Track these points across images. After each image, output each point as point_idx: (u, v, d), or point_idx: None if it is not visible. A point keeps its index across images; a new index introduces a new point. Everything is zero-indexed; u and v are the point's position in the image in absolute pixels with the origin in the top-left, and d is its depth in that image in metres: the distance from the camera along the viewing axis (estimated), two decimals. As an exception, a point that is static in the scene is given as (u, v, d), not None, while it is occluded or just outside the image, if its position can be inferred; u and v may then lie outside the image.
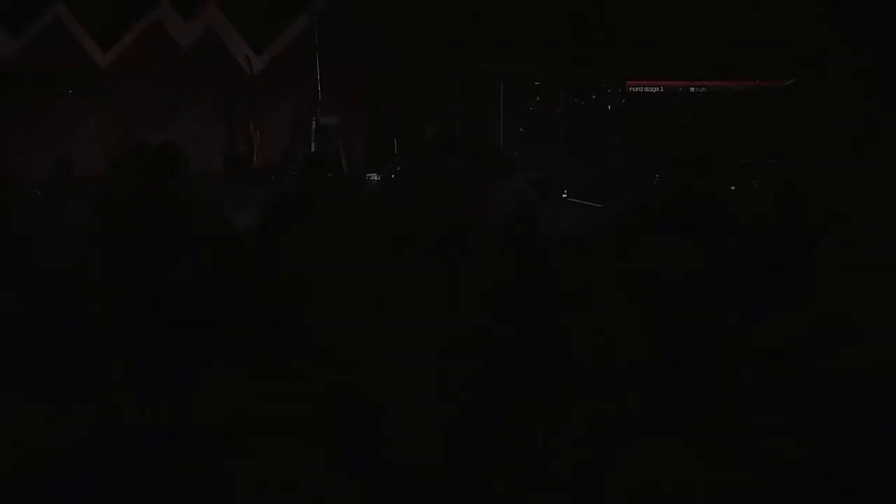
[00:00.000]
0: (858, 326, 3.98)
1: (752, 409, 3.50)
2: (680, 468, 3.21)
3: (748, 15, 9.68)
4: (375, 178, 9.69)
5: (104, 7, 10.51)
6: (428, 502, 3.18)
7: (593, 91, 10.11)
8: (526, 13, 10.31)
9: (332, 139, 9.72)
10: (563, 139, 9.90)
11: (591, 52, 9.98)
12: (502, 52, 10.20)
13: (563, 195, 9.17)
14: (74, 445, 3.28)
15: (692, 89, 9.72)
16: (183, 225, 5.34)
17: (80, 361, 3.78)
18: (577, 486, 3.23)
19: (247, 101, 10.68)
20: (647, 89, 9.88)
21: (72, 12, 10.51)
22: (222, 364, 3.80)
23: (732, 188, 8.75)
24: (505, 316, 4.07)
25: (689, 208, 5.42)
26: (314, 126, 9.71)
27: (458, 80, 10.25)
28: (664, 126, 9.71)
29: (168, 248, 4.98)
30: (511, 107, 10.04)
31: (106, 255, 5.09)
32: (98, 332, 4.01)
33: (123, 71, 10.63)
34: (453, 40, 10.49)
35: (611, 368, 3.73)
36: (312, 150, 9.60)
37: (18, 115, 10.07)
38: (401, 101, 10.68)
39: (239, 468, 3.24)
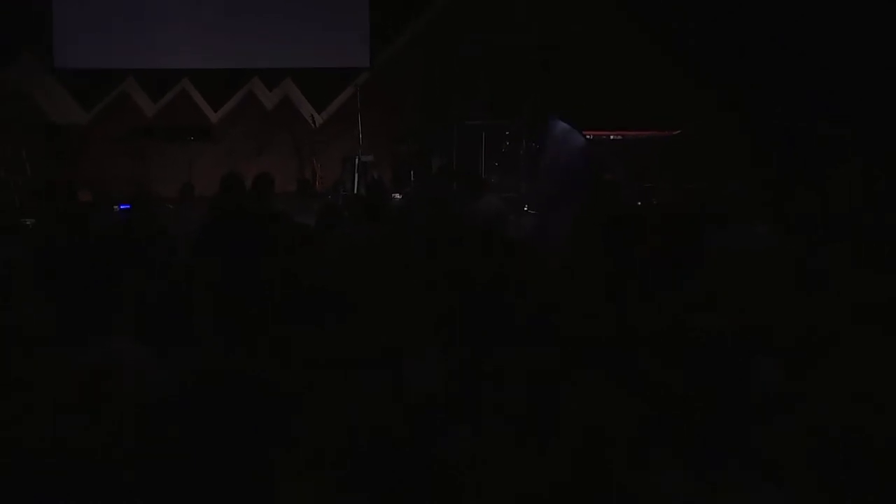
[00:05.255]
0: (730, 301, 3.98)
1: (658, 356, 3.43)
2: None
3: (648, 89, 9.77)
4: (398, 197, 9.71)
5: (215, 80, 10.54)
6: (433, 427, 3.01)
7: (545, 138, 10.13)
8: (499, 88, 10.36)
9: (369, 171, 9.75)
10: (524, 170, 9.93)
11: (542, 112, 10.03)
12: (484, 112, 10.26)
13: (525, 208, 9.20)
14: (185, 382, 3.09)
15: (611, 137, 9.77)
16: (268, 226, 5.38)
17: (199, 317, 3.77)
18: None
19: (311, 144, 10.67)
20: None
21: (193, 84, 10.56)
22: (296, 320, 3.75)
23: (639, 203, 8.79)
24: (482, 288, 4.04)
25: (610, 216, 5.43)
26: (357, 162, 9.75)
27: (453, 131, 10.29)
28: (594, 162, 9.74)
29: (259, 241, 5.01)
30: (489, 148, 10.07)
31: (217, 246, 5.13)
32: (211, 297, 4.02)
33: (228, 125, 10.66)
34: (451, 104, 10.53)
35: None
36: (355, 178, 9.66)
37: (157, 155, 10.11)
38: (415, 145, 10.69)
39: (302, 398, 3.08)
